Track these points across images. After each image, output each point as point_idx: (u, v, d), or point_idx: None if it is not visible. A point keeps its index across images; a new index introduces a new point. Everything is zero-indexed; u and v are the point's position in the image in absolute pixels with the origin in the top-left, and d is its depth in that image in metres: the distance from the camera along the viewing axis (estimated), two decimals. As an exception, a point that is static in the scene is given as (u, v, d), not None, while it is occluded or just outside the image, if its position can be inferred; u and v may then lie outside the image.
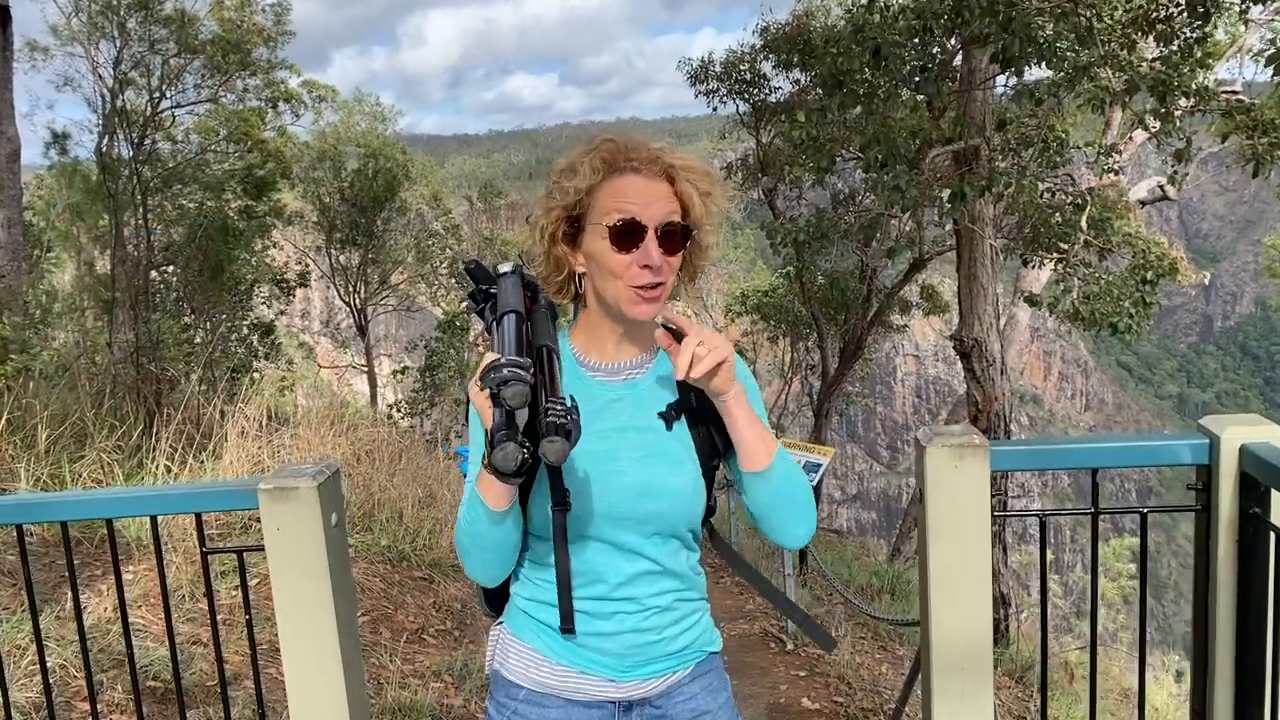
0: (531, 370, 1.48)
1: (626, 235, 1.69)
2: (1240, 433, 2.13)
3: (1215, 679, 2.22)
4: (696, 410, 1.83)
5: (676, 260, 1.75)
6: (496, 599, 1.99)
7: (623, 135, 1.79)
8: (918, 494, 2.28)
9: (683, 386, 1.82)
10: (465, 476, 1.97)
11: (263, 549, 2.29)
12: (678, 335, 1.74)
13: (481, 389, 1.49)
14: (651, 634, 1.82)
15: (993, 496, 2.23)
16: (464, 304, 2.05)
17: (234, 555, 2.65)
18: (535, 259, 1.83)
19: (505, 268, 1.85)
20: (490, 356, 1.57)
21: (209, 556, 2.51)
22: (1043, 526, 2.32)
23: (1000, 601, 10.60)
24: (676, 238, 1.73)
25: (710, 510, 1.90)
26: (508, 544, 1.76)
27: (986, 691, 2.27)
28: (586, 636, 1.81)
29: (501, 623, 1.96)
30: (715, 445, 1.84)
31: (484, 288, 1.86)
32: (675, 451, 1.80)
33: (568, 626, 1.78)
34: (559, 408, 1.47)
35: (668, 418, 1.82)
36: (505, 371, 1.44)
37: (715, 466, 1.88)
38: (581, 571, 1.78)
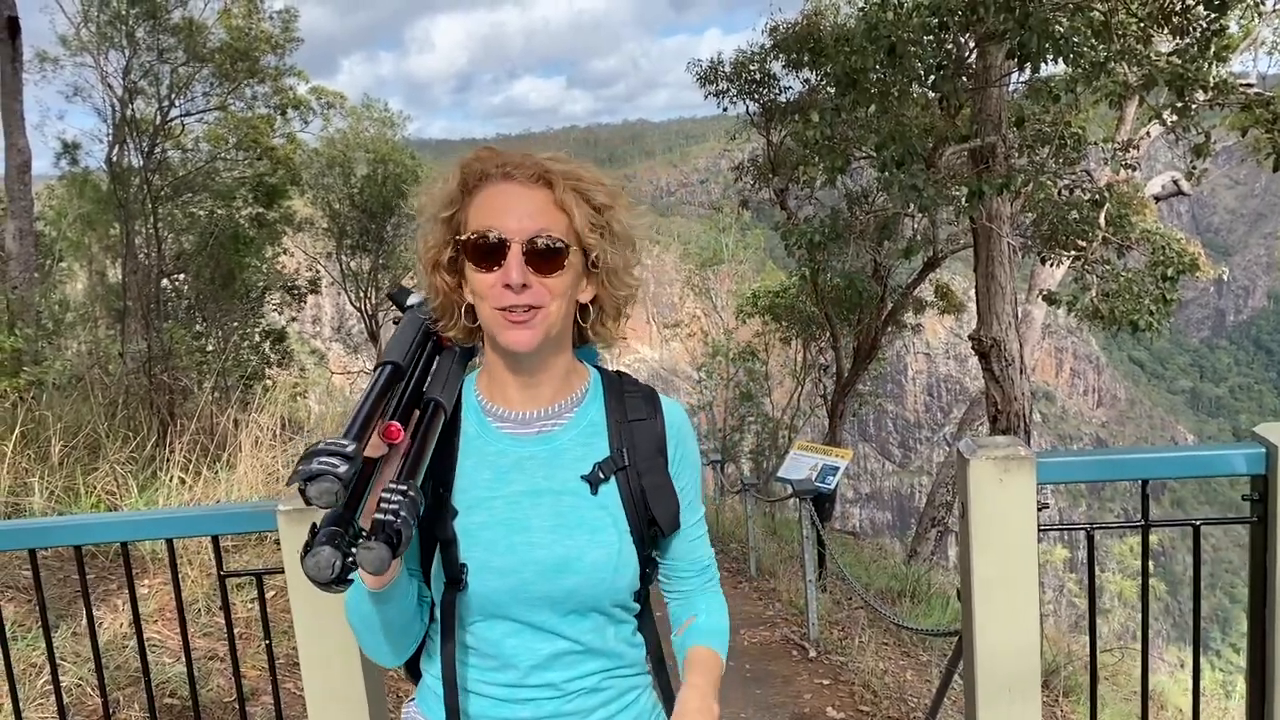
0: (354, 459, 1.19)
1: (487, 251, 1.45)
2: (1300, 441, 2.04)
3: (1276, 695, 2.13)
4: (629, 469, 1.59)
5: (556, 282, 1.48)
6: (416, 671, 1.76)
7: (510, 147, 1.56)
8: (960, 507, 2.19)
9: (614, 440, 1.60)
10: None
11: (281, 571, 2.23)
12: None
13: (288, 484, 1.23)
14: (576, 718, 1.58)
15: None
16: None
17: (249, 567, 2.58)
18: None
19: (414, 299, 1.61)
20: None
21: (225, 579, 2.44)
22: (1090, 540, 2.24)
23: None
24: (555, 255, 1.47)
25: (645, 578, 1.65)
26: (398, 624, 1.54)
27: (1034, 711, 2.19)
28: None
29: (413, 700, 1.72)
30: (650, 512, 1.59)
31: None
32: (594, 519, 1.55)
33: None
34: (394, 500, 1.23)
35: (594, 480, 1.57)
36: (314, 464, 1.16)
37: (653, 534, 1.62)
38: (490, 655, 1.56)
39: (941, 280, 19.32)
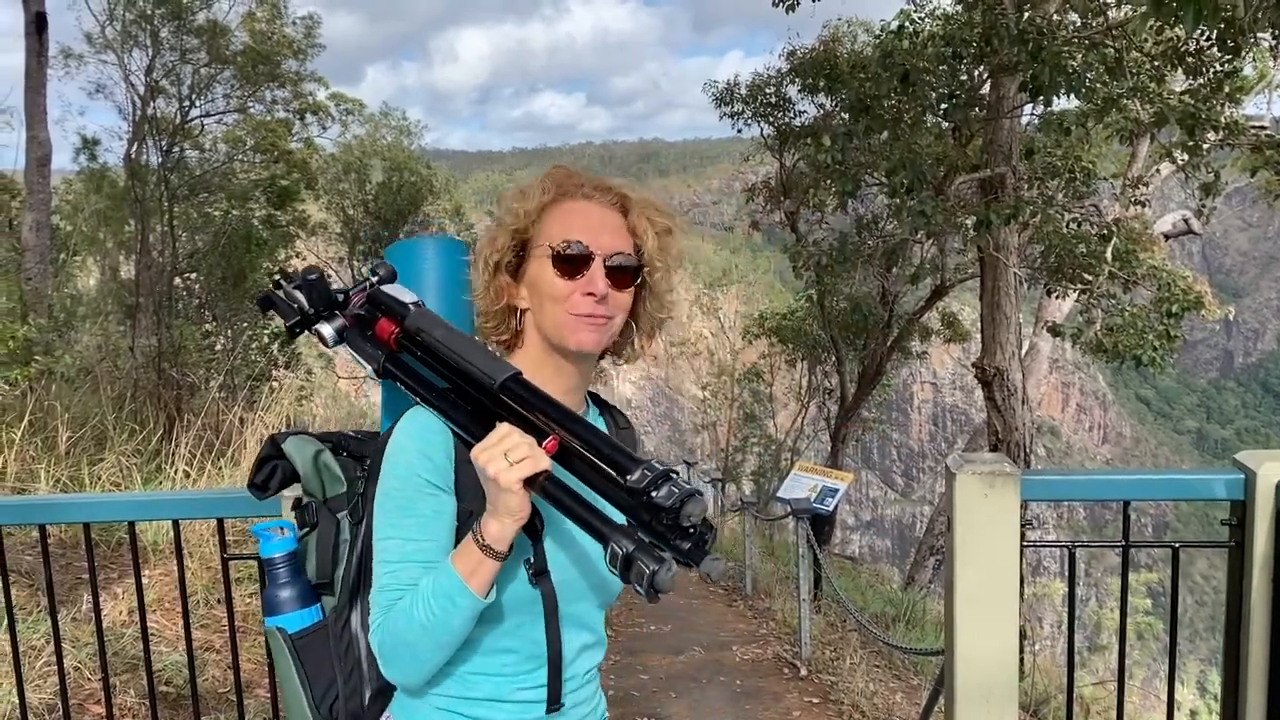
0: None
1: (571, 261, 1.55)
2: (1278, 469, 2.09)
3: (1248, 716, 2.17)
4: None
5: (625, 298, 1.60)
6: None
7: (578, 168, 1.68)
8: (946, 521, 2.25)
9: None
10: (270, 565, 1.69)
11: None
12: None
13: (667, 506, 1.26)
14: (585, 706, 1.68)
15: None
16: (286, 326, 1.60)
17: (249, 560, 2.64)
18: (475, 292, 1.64)
19: (408, 297, 1.62)
20: (510, 437, 1.38)
21: (228, 562, 2.50)
22: (1071, 559, 2.28)
23: (1016, 633, 10.47)
24: (627, 274, 1.58)
25: None
26: (463, 636, 1.50)
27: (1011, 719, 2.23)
28: None
29: (388, 715, 1.64)
30: None
31: (318, 309, 1.63)
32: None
33: (554, 706, 1.59)
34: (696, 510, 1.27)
35: None
36: (689, 486, 1.23)
37: None
38: (536, 655, 1.58)
39: (949, 309, 19.36)
